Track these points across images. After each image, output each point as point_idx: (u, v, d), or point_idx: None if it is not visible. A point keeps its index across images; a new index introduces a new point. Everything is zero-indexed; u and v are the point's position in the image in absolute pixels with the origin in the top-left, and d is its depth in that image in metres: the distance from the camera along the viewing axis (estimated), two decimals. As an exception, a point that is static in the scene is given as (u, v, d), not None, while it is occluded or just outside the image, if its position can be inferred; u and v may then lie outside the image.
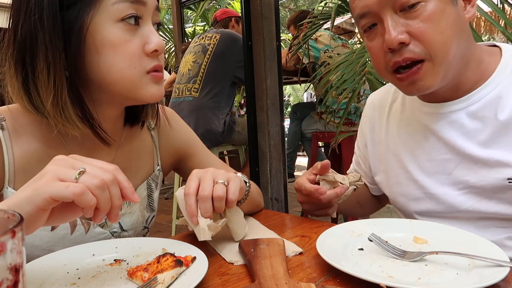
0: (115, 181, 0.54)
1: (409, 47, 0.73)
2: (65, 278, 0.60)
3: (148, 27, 0.69)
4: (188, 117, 2.42)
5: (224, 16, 2.92)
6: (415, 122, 0.90)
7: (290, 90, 15.16)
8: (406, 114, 0.93)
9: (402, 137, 0.93)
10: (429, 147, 0.87)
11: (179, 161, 0.95)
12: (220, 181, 0.69)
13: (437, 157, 0.86)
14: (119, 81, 0.68)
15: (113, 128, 0.78)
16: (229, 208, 0.71)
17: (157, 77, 0.70)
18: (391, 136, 0.96)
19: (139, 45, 0.68)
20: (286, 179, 2.34)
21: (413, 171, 0.89)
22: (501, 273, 0.53)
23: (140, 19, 0.68)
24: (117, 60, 0.66)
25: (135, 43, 0.67)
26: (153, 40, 0.69)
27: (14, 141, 0.70)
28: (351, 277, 0.55)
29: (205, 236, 0.66)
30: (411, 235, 0.72)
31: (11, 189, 0.70)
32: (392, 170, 0.95)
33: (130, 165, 0.84)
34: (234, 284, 0.59)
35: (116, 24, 0.65)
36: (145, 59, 0.69)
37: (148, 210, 0.88)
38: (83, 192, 0.49)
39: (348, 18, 3.32)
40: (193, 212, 0.67)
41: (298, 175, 4.13)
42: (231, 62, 2.49)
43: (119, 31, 0.66)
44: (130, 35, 0.67)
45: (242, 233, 0.75)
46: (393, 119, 0.97)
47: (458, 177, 0.83)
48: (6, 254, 0.28)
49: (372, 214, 1.87)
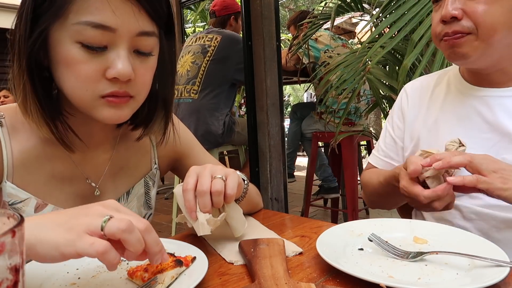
0: (149, 228, 0.52)
1: (459, 22, 0.82)
2: (65, 278, 0.60)
3: (116, 53, 0.64)
4: (188, 118, 2.42)
5: (223, 13, 2.87)
6: (459, 102, 0.94)
7: (290, 90, 15.16)
8: (450, 96, 0.97)
9: (445, 113, 0.96)
10: (471, 125, 0.90)
11: (176, 161, 0.96)
12: (218, 176, 0.69)
13: (477, 135, 0.88)
14: (72, 97, 0.68)
15: (104, 128, 0.79)
16: (228, 203, 0.71)
17: (113, 103, 0.67)
18: (431, 114, 0.99)
19: (96, 69, 0.64)
20: (286, 179, 2.34)
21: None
22: (501, 273, 0.53)
23: (107, 45, 0.64)
24: (71, 79, 0.65)
25: (92, 67, 0.64)
26: (115, 67, 0.64)
27: (12, 137, 0.72)
28: (351, 277, 0.55)
29: (204, 230, 0.66)
30: (411, 235, 0.72)
31: (10, 183, 0.71)
32: (424, 144, 0.96)
33: (127, 163, 0.85)
34: (234, 284, 0.59)
35: (74, 44, 0.63)
36: (102, 83, 0.65)
37: (145, 208, 0.89)
38: (106, 251, 0.48)
39: (348, 18, 3.31)
40: (192, 207, 0.67)
41: (298, 175, 4.14)
42: (231, 65, 2.49)
43: (76, 51, 0.63)
44: (89, 57, 0.64)
45: (242, 229, 0.75)
46: (436, 99, 1.00)
47: (495, 154, 0.83)
48: (6, 254, 0.28)
49: (373, 214, 1.86)
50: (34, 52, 0.65)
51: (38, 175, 0.73)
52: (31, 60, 0.65)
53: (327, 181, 3.19)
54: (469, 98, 0.93)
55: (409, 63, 1.57)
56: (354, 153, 2.71)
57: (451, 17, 0.82)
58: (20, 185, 0.72)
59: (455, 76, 0.99)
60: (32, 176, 0.73)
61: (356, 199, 2.66)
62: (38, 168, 0.73)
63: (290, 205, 3.02)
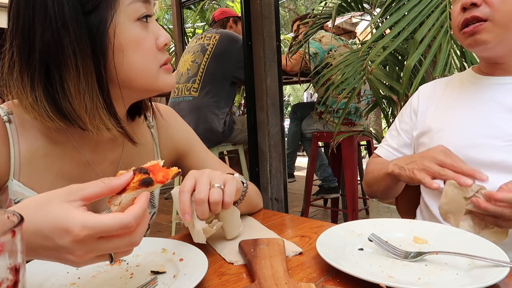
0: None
1: (478, 8, 0.87)
2: (65, 278, 0.60)
3: (154, 23, 0.73)
4: (188, 116, 2.42)
5: (222, 16, 2.91)
6: (474, 91, 0.98)
7: (290, 90, 15.17)
8: (465, 86, 1.02)
9: (459, 101, 1.00)
10: (484, 109, 0.94)
11: (178, 159, 0.96)
12: (216, 184, 0.69)
13: (492, 116, 0.92)
14: (141, 76, 0.72)
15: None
16: (225, 210, 0.71)
17: (168, 69, 0.76)
18: (444, 105, 1.03)
19: (153, 41, 0.72)
20: (286, 179, 2.34)
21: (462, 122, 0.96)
22: (501, 273, 0.53)
23: (149, 16, 0.71)
24: (139, 57, 0.70)
25: (150, 40, 0.71)
26: (162, 35, 0.73)
27: (20, 135, 0.71)
28: (351, 277, 0.55)
29: (199, 239, 0.67)
30: (411, 235, 0.72)
31: (16, 181, 0.71)
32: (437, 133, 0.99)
33: (134, 161, 0.85)
34: (234, 284, 0.59)
35: (134, 23, 0.69)
36: (158, 53, 0.73)
37: (150, 207, 0.89)
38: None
39: (348, 18, 3.32)
40: (185, 209, 0.67)
41: (298, 175, 4.14)
42: (230, 63, 2.49)
43: (138, 30, 0.69)
44: (146, 32, 0.71)
45: (235, 232, 0.75)
46: (450, 90, 1.05)
47: (505, 129, 0.89)
48: (6, 254, 0.28)
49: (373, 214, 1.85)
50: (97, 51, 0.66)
51: (46, 174, 0.73)
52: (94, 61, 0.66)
53: (327, 181, 3.19)
54: (483, 87, 0.97)
55: (412, 63, 1.57)
56: (354, 153, 2.70)
57: (471, 3, 0.87)
58: (27, 183, 0.71)
59: (468, 73, 1.04)
60: (39, 174, 0.72)
61: (356, 199, 2.66)
62: (45, 167, 0.73)
63: (290, 205, 3.02)
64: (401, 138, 1.12)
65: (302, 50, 2.65)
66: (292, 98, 15.72)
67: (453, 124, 0.97)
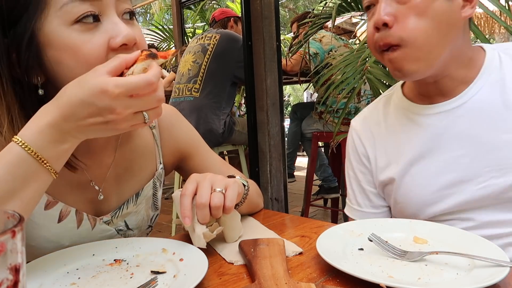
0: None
1: (390, 31, 0.79)
2: (65, 278, 0.60)
3: (111, 20, 0.62)
4: (189, 117, 2.41)
5: (222, 17, 2.92)
6: (422, 129, 0.88)
7: (290, 90, 15.16)
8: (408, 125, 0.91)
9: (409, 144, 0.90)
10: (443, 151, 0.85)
11: (181, 160, 0.94)
12: (218, 189, 0.69)
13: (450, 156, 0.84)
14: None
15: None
16: (226, 214, 0.71)
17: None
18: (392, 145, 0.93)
19: (101, 43, 0.61)
20: (286, 179, 2.34)
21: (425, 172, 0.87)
22: (501, 273, 0.53)
23: (99, 15, 0.61)
24: (83, 64, 0.60)
25: (96, 42, 0.61)
26: (119, 33, 0.62)
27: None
28: (351, 277, 0.55)
29: (199, 243, 0.66)
30: (411, 235, 0.72)
31: None
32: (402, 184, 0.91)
33: (132, 164, 0.84)
34: (234, 284, 0.59)
35: (71, 27, 0.60)
36: (111, 55, 0.61)
37: (153, 209, 0.88)
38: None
39: (348, 18, 3.32)
40: (186, 213, 0.67)
41: (298, 175, 4.14)
42: (231, 62, 2.49)
43: (76, 34, 0.60)
44: (90, 35, 0.61)
45: (236, 236, 0.75)
46: (393, 130, 0.94)
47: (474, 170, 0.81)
48: (6, 254, 0.28)
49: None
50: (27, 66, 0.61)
51: None
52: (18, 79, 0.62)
53: (327, 181, 3.19)
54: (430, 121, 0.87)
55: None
56: (354, 153, 2.70)
57: (383, 23, 0.78)
58: None
59: (401, 102, 0.93)
60: None
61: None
62: None
63: (290, 205, 3.01)
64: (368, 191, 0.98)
65: (302, 50, 2.65)
66: (292, 98, 15.72)
67: (417, 177, 0.88)
